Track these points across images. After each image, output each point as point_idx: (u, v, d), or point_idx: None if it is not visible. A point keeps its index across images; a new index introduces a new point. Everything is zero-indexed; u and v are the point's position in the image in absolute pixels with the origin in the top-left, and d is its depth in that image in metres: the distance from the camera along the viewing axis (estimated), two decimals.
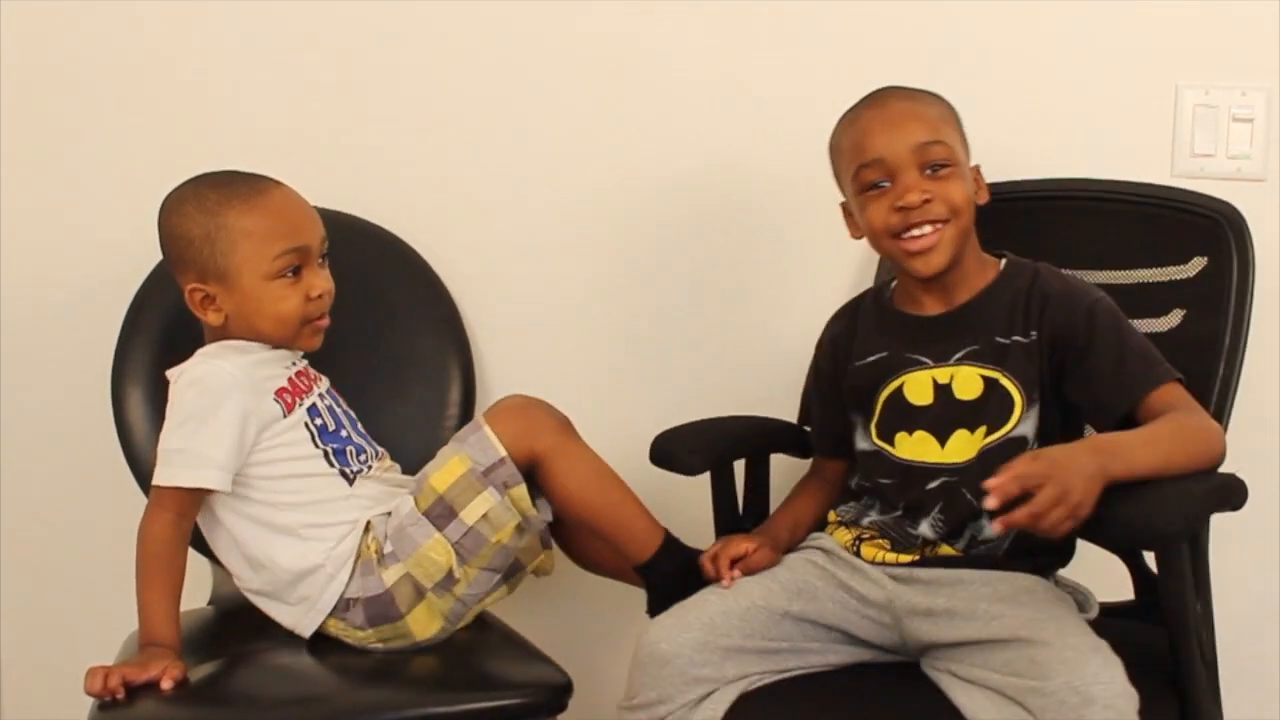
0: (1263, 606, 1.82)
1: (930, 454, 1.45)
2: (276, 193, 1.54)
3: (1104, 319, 1.42)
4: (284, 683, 1.48)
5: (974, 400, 1.44)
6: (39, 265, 1.85)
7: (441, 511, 1.49)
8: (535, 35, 1.85)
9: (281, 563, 1.51)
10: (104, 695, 1.37)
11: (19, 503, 1.88)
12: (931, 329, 1.50)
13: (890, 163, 1.45)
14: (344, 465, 1.56)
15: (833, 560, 1.49)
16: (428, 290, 1.83)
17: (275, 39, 1.84)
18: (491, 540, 1.49)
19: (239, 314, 1.53)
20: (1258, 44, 1.80)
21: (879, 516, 1.49)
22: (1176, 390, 1.39)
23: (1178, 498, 1.26)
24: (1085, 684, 1.22)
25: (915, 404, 1.48)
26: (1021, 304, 1.45)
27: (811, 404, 1.66)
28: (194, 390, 1.50)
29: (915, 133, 1.45)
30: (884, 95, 1.51)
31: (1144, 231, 1.60)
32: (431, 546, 1.48)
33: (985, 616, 1.35)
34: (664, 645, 1.38)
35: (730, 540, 1.52)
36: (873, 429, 1.51)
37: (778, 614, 1.43)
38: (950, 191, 1.45)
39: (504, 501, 1.48)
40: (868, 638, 1.45)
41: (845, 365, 1.56)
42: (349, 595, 1.50)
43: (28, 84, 1.82)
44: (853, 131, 1.50)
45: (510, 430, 1.50)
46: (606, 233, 1.89)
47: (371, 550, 1.51)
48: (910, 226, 1.44)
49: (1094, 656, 1.25)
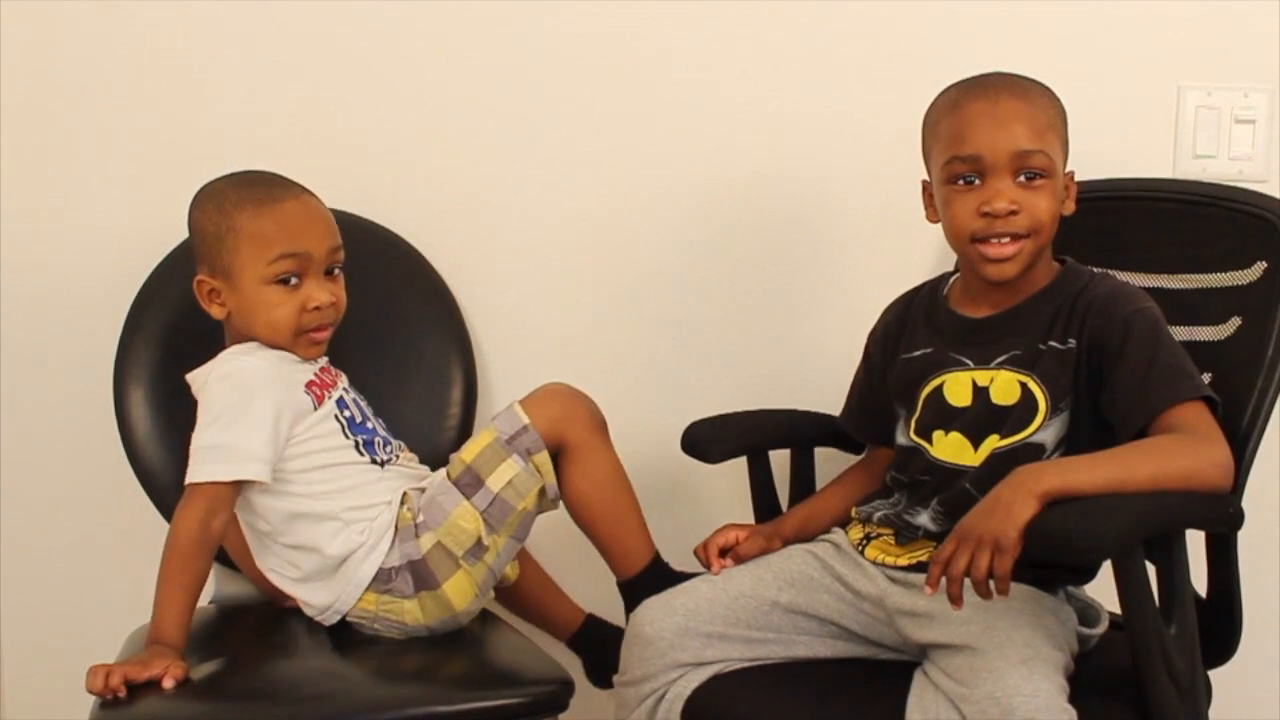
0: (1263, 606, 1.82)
1: (963, 456, 1.44)
2: (292, 200, 1.56)
3: (1140, 330, 1.37)
4: (286, 681, 1.48)
5: (1011, 406, 1.42)
6: (41, 264, 1.84)
7: (469, 480, 1.52)
8: (539, 36, 1.85)
9: (327, 549, 1.52)
10: (105, 694, 1.37)
11: (20, 502, 1.88)
12: (977, 330, 1.48)
13: (987, 162, 1.41)
14: (373, 455, 1.59)
15: (836, 554, 1.50)
16: (430, 290, 1.83)
17: (279, 39, 1.84)
18: (518, 507, 1.53)
19: (239, 312, 1.56)
20: (1260, 46, 1.80)
21: (887, 512, 1.48)
22: (1196, 410, 1.33)
23: (1109, 512, 1.21)
24: (1006, 695, 1.21)
25: (954, 405, 1.46)
26: (1066, 311, 1.42)
27: (858, 391, 1.64)
28: (226, 385, 1.51)
29: (1020, 137, 1.40)
30: (996, 87, 1.44)
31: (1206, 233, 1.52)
32: (460, 514, 1.52)
33: (956, 621, 1.33)
34: (647, 628, 1.44)
35: (722, 529, 1.56)
36: (912, 424, 1.50)
37: (766, 604, 1.45)
38: (1038, 204, 1.41)
39: (528, 468, 1.52)
40: (864, 633, 1.46)
41: (894, 357, 1.56)
42: (390, 565, 1.53)
43: (28, 83, 1.82)
44: (955, 118, 1.44)
45: (546, 413, 1.54)
46: (608, 233, 1.89)
47: (409, 518, 1.54)
48: (992, 235, 1.41)
49: (1021, 668, 1.23)
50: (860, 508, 1.54)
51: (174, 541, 1.46)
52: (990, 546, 1.21)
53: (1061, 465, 1.30)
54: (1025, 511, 1.21)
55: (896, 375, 1.54)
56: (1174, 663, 1.28)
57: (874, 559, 1.47)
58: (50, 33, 1.82)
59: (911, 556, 1.45)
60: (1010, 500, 1.23)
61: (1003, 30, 1.82)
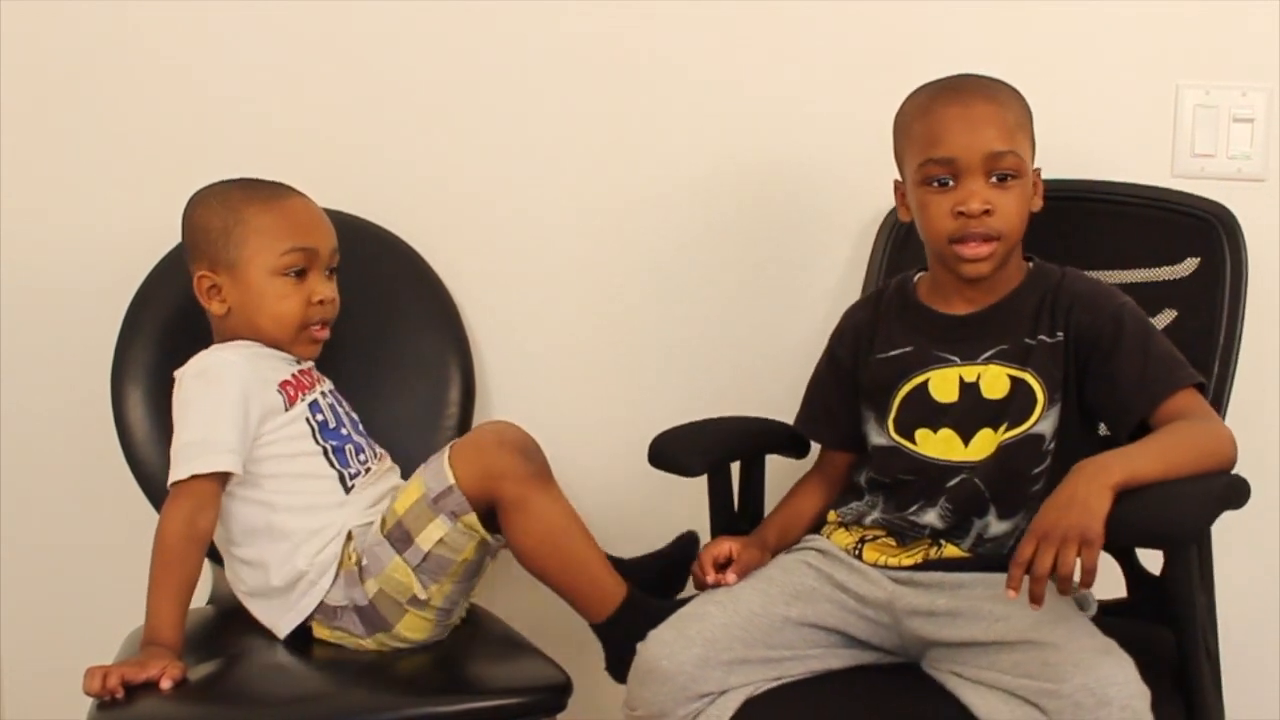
0: (1263, 606, 1.82)
1: (954, 452, 1.45)
2: (296, 199, 1.61)
3: (1131, 323, 1.43)
4: (282, 683, 1.49)
5: (1000, 400, 1.45)
6: (39, 264, 1.85)
7: (400, 535, 1.48)
8: (535, 37, 1.85)
9: (273, 573, 1.52)
10: (103, 695, 1.37)
11: (18, 502, 1.88)
12: (961, 328, 1.49)
13: (961, 165, 1.43)
14: (343, 465, 1.57)
15: (829, 561, 1.49)
16: (428, 290, 1.83)
17: (277, 39, 1.84)
18: (456, 559, 1.49)
19: (241, 306, 1.57)
20: (1258, 44, 1.80)
21: (882, 515, 1.48)
22: (1193, 396, 1.40)
23: (1188, 498, 1.28)
24: (1101, 685, 1.23)
25: (940, 401, 1.47)
26: (1049, 305, 1.46)
27: (822, 394, 1.62)
28: (198, 381, 1.53)
29: (992, 139, 1.43)
30: (967, 90, 1.47)
31: (1138, 232, 1.62)
32: (394, 568, 1.48)
33: (990, 617, 1.35)
34: (665, 663, 1.37)
35: (715, 541, 1.52)
36: (890, 424, 1.50)
37: (778, 621, 1.43)
38: (1010, 205, 1.44)
39: (457, 527, 1.47)
40: (866, 638, 1.45)
41: (865, 357, 1.55)
42: (337, 603, 1.51)
43: (27, 83, 1.82)
44: (928, 120, 1.46)
45: (472, 471, 1.46)
46: (606, 233, 1.89)
47: (352, 560, 1.52)
48: (968, 235, 1.44)
49: (1106, 658, 1.26)
50: (840, 510, 1.53)
51: (161, 542, 1.46)
52: (1076, 541, 1.23)
53: (1121, 456, 1.31)
54: (1104, 504, 1.25)
55: (871, 375, 1.54)
56: (1207, 635, 1.38)
57: (874, 562, 1.46)
58: (49, 33, 1.82)
59: (914, 556, 1.45)
60: (1086, 495, 1.25)
61: (1001, 30, 1.82)
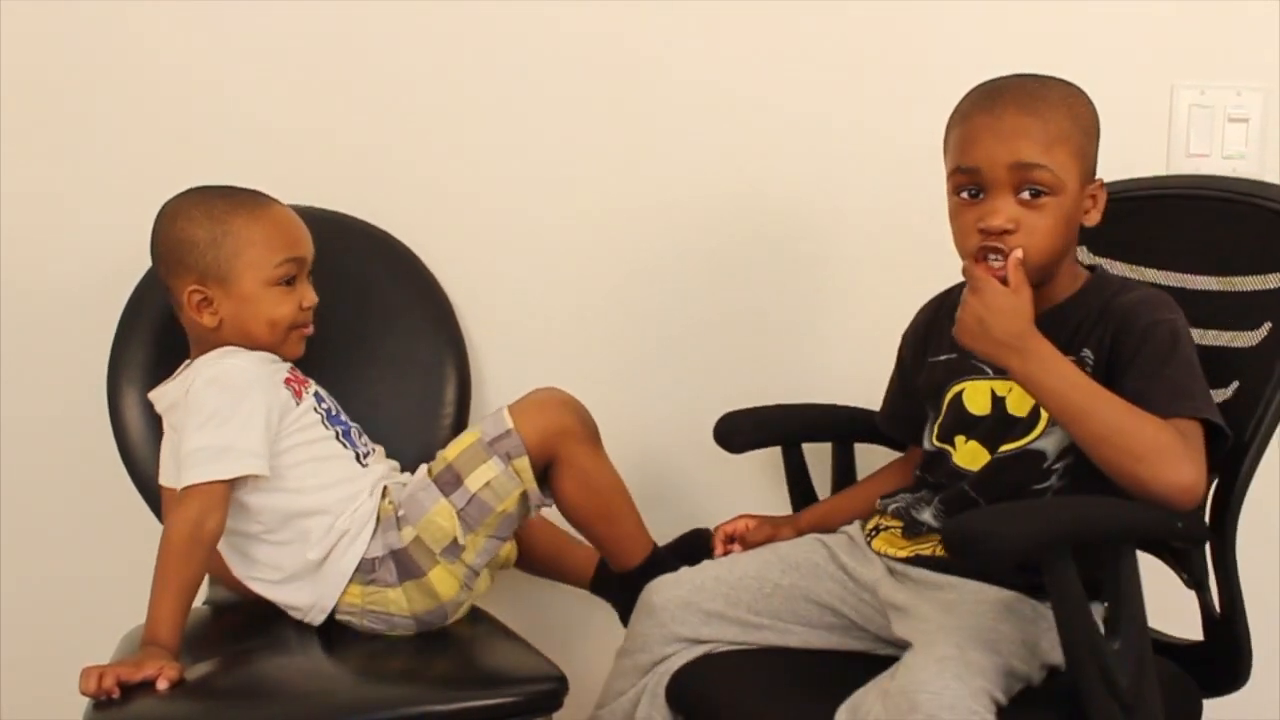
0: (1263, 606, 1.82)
1: (979, 464, 1.43)
2: (277, 208, 1.62)
3: (1156, 342, 1.33)
4: (278, 681, 1.48)
5: (1023, 418, 1.41)
6: (36, 265, 1.84)
7: (449, 478, 1.54)
8: (534, 37, 1.85)
9: (314, 545, 1.54)
10: (99, 695, 1.37)
11: (15, 502, 1.88)
12: None
13: (986, 176, 1.36)
14: (354, 447, 1.62)
15: (850, 546, 1.51)
16: (423, 289, 1.83)
17: (272, 38, 1.84)
18: (496, 509, 1.54)
19: (234, 317, 1.58)
20: (1254, 44, 1.80)
21: (902, 504, 1.49)
22: (1189, 428, 1.29)
23: (1024, 516, 1.24)
24: (914, 689, 1.20)
25: (973, 413, 1.45)
26: (1090, 323, 1.38)
27: (891, 390, 1.64)
28: (214, 388, 1.53)
29: (1021, 150, 1.34)
30: (1002, 100, 1.38)
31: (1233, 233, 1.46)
32: (438, 511, 1.53)
33: (919, 618, 1.34)
34: (655, 597, 1.48)
35: (736, 517, 1.61)
36: (936, 428, 1.50)
37: (768, 586, 1.48)
38: (1039, 223, 1.35)
39: (507, 470, 1.53)
40: (865, 623, 1.46)
41: (923, 358, 1.55)
42: (373, 555, 1.54)
43: (26, 83, 1.82)
44: (963, 126, 1.40)
45: (535, 425, 1.55)
46: (602, 232, 1.89)
47: (390, 510, 1.56)
48: (989, 250, 1.36)
49: (933, 665, 1.22)
50: (884, 499, 1.54)
51: (168, 543, 1.46)
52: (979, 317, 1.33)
53: (1055, 354, 1.31)
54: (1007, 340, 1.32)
55: (924, 378, 1.53)
56: (1116, 680, 1.22)
57: (880, 550, 1.48)
58: (49, 33, 1.82)
59: (909, 550, 1.45)
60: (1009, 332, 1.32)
61: (999, 30, 1.82)
